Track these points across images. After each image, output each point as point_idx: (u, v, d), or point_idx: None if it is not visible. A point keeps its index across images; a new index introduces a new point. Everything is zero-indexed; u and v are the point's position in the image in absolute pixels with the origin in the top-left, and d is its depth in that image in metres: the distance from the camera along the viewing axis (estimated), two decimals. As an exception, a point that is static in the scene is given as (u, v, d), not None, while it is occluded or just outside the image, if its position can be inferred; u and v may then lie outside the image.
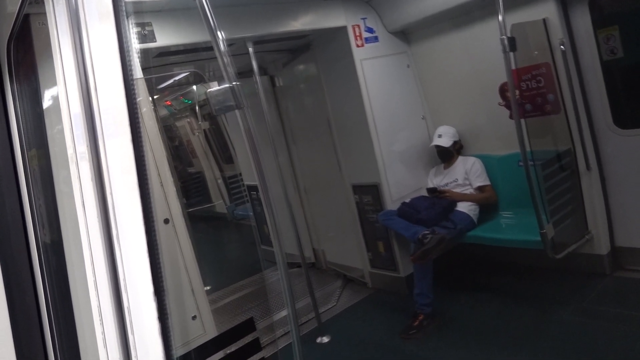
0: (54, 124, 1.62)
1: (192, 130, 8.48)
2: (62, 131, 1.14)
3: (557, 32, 3.09)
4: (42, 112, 1.70)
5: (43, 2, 1.00)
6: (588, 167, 3.17)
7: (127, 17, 0.74)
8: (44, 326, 1.73)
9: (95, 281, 0.90)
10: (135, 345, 0.75)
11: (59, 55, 0.92)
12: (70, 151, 0.93)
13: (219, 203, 7.99)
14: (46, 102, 1.66)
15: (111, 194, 0.77)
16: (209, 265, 5.04)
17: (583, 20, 3.10)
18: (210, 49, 1.52)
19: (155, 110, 6.05)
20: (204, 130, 7.99)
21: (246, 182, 5.45)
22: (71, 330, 1.60)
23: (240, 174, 5.95)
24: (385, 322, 3.45)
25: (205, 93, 6.15)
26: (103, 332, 0.87)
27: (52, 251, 1.70)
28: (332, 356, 3.15)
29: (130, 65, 0.72)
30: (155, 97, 6.40)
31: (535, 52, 3.19)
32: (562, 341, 2.69)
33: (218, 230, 7.90)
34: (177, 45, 3.05)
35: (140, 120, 0.73)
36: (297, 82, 4.57)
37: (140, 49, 2.76)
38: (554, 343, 2.69)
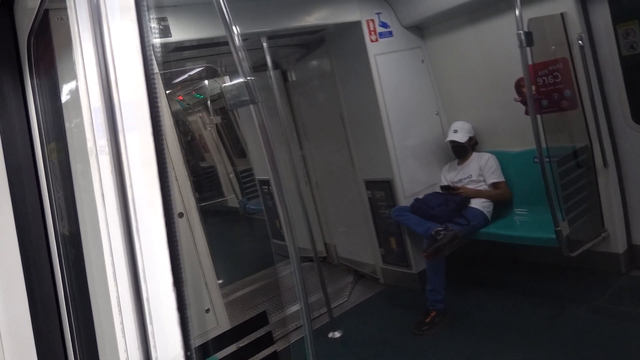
0: (72, 118, 1.65)
1: (204, 125, 8.53)
2: (80, 125, 1.16)
3: (576, 26, 3.04)
4: (61, 106, 1.72)
5: (63, -3, 1.02)
6: (605, 164, 3.12)
7: (148, 11, 0.75)
8: (62, 315, 1.76)
9: (114, 272, 0.91)
10: (154, 335, 0.76)
11: (79, 50, 0.93)
12: (90, 144, 0.94)
13: (231, 197, 8.04)
14: (65, 97, 1.69)
15: (131, 186, 0.78)
16: (220, 258, 5.09)
17: (602, 15, 3.04)
18: (223, 43, 1.53)
19: (169, 105, 6.10)
20: (216, 124, 8.03)
21: (258, 177, 5.48)
22: (88, 318, 1.64)
23: (252, 169, 5.98)
24: (397, 318, 3.45)
25: (220, 88, 6.20)
26: (122, 322, 0.89)
27: (70, 242, 1.73)
28: (344, 351, 3.17)
29: (151, 60, 0.73)
30: (167, 92, 6.45)
31: (553, 47, 3.15)
32: (576, 340, 2.67)
33: (230, 224, 7.96)
34: (191, 40, 3.07)
35: (160, 114, 0.74)
36: (310, 77, 4.57)
37: (156, 44, 2.79)
38: (568, 341, 2.66)
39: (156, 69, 0.81)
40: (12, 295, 1.67)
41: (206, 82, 6.64)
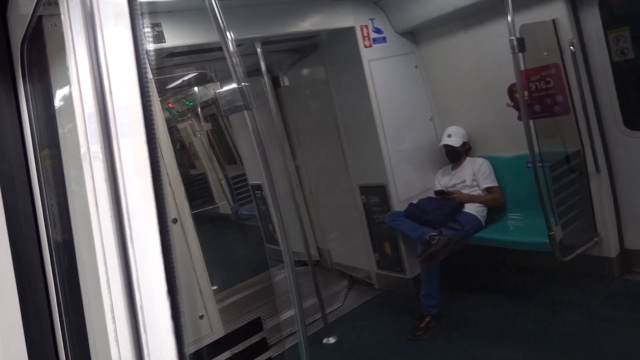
0: (66, 124, 1.63)
1: (194, 132, 8.48)
2: (73, 131, 1.15)
3: (567, 32, 3.07)
4: (54, 112, 1.71)
5: (56, 4, 1.01)
6: (597, 169, 3.15)
7: (142, 17, 0.74)
8: (55, 322, 1.74)
9: (107, 280, 0.90)
10: (147, 344, 0.76)
11: (72, 56, 0.93)
12: (83, 150, 0.94)
13: (223, 204, 8.01)
14: (58, 103, 1.68)
15: (124, 193, 0.78)
16: (214, 264, 5.06)
17: (593, 21, 3.08)
18: (215, 49, 1.53)
19: (162, 112, 6.06)
20: (206, 131, 7.99)
21: (251, 182, 5.47)
22: (81, 326, 1.62)
23: (244, 174, 5.97)
24: (392, 323, 3.45)
25: (214, 94, 6.19)
26: (115, 330, 0.88)
27: (63, 250, 1.71)
28: (339, 357, 3.16)
29: (145, 66, 0.73)
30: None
31: (545, 53, 3.18)
32: (570, 344, 2.68)
33: (222, 230, 7.93)
34: (185, 46, 3.07)
35: (154, 120, 0.73)
36: (303, 82, 4.57)
37: (150, 50, 2.78)
38: (562, 345, 2.67)
39: (150, 75, 0.81)
40: (4, 303, 1.65)
41: (196, 88, 6.61)
